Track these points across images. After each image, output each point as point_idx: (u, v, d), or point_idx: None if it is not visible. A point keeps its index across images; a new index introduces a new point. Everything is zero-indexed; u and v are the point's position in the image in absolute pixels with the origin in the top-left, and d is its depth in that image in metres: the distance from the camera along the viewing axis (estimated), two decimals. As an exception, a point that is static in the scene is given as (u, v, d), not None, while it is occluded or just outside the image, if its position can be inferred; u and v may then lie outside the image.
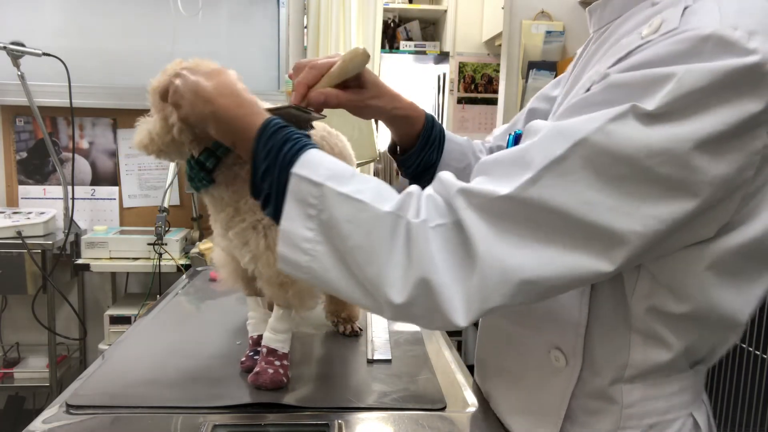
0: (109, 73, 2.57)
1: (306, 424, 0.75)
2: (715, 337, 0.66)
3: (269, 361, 0.84)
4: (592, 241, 0.54)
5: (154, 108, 0.78)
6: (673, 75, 0.52)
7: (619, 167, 0.53)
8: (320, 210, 0.60)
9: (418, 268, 0.57)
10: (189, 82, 0.70)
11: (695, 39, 0.52)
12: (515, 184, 0.55)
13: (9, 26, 2.51)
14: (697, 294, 0.60)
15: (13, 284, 2.28)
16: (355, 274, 0.60)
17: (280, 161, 0.62)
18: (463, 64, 3.43)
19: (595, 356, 0.67)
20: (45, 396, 2.55)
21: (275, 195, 0.63)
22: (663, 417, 0.66)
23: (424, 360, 0.96)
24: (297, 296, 0.82)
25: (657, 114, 0.52)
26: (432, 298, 0.57)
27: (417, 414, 0.78)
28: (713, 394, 1.50)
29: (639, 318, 0.63)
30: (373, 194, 0.60)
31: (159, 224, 2.39)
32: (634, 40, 0.59)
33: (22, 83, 2.25)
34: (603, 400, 0.67)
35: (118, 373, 0.88)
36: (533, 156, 0.55)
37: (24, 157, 2.66)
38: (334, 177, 0.61)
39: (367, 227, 0.59)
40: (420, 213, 0.58)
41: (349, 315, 1.07)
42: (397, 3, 3.54)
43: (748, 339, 1.39)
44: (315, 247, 0.60)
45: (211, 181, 0.79)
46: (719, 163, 0.53)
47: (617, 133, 0.52)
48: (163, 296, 1.31)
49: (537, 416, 0.72)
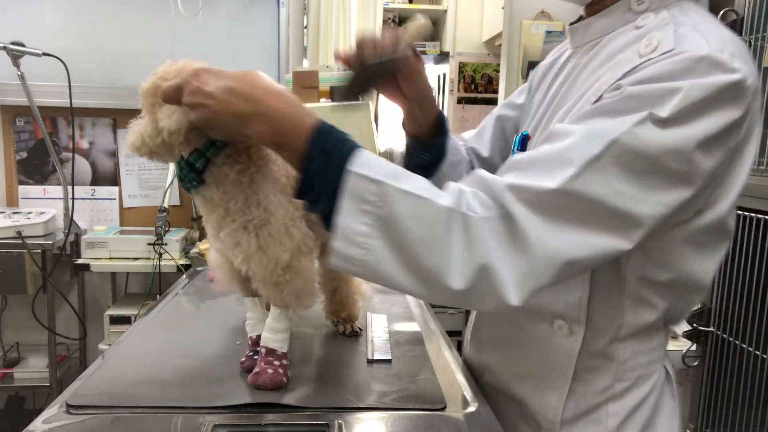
0: (109, 73, 2.57)
1: (306, 424, 0.75)
2: (686, 299, 0.78)
3: (268, 361, 0.84)
4: (617, 223, 0.65)
5: (144, 110, 0.78)
6: (681, 89, 0.63)
7: (640, 163, 0.63)
8: (378, 206, 0.65)
9: (477, 256, 0.64)
10: (223, 83, 0.69)
11: (692, 59, 0.64)
12: (561, 179, 0.63)
13: (9, 26, 2.52)
14: (677, 264, 0.73)
15: (13, 284, 2.28)
16: (411, 265, 0.65)
17: (335, 160, 0.66)
18: (463, 64, 3.43)
19: (595, 321, 0.76)
20: (45, 396, 2.56)
21: (329, 193, 0.66)
22: (647, 369, 0.80)
23: (424, 360, 0.96)
24: (293, 295, 0.82)
25: (669, 119, 0.63)
26: (490, 283, 0.64)
27: (417, 414, 0.78)
28: (713, 394, 1.50)
29: (631, 286, 0.74)
30: (430, 191, 0.66)
31: (159, 224, 2.39)
32: (633, 57, 0.69)
33: (22, 83, 2.25)
34: (602, 359, 0.78)
35: (118, 373, 0.88)
36: (573, 155, 0.64)
37: (24, 157, 2.66)
38: (391, 175, 0.66)
39: (428, 221, 0.64)
40: (473, 207, 0.65)
41: (349, 315, 1.07)
42: (397, 3, 3.54)
43: (748, 339, 1.39)
44: (370, 241, 0.65)
45: (201, 182, 0.79)
46: (710, 158, 0.65)
47: (640, 135, 0.63)
48: (163, 296, 1.31)
49: (545, 380, 0.81)
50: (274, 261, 0.79)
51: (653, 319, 0.76)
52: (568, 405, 0.79)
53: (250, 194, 0.79)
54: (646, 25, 0.73)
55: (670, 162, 0.63)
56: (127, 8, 2.61)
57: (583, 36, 0.82)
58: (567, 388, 0.79)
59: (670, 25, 0.70)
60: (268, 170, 0.81)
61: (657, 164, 0.63)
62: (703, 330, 1.50)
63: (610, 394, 0.79)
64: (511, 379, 0.87)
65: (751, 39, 1.39)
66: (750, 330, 1.39)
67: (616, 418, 0.78)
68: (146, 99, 0.77)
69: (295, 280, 0.81)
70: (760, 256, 1.36)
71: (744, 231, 1.40)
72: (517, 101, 1.00)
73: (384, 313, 1.18)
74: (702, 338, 1.50)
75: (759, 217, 1.36)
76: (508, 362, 0.87)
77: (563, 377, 0.79)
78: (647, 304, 0.75)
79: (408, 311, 1.22)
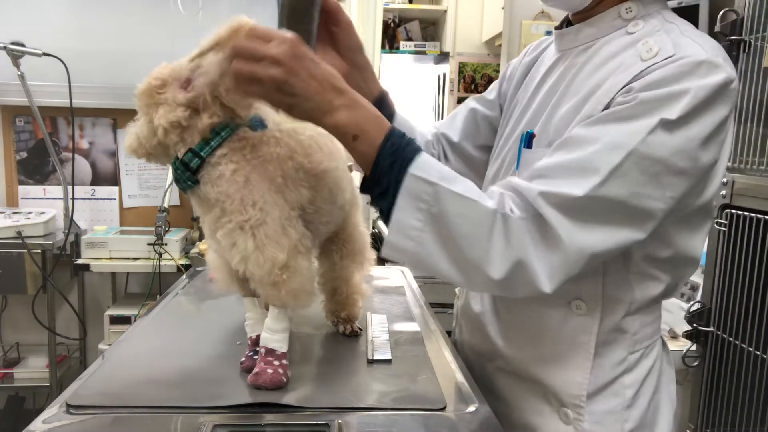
0: (109, 73, 2.57)
1: (306, 424, 0.75)
2: (681, 273, 0.87)
3: (268, 361, 0.83)
4: (635, 219, 0.74)
5: (140, 111, 0.78)
6: (689, 89, 0.71)
7: (655, 166, 0.72)
8: (431, 204, 0.73)
9: (515, 251, 0.73)
10: (321, 71, 0.72)
11: (694, 63, 0.72)
12: (588, 186, 0.72)
13: (9, 26, 2.51)
14: (675, 241, 0.82)
15: (13, 284, 2.28)
16: (456, 257, 0.74)
17: (400, 161, 0.74)
18: (463, 64, 3.43)
19: (610, 299, 0.84)
20: (45, 396, 2.55)
21: (392, 189, 0.74)
22: (651, 339, 0.88)
23: (424, 360, 0.96)
24: (290, 295, 0.82)
25: (678, 120, 0.71)
26: (525, 274, 0.73)
27: (417, 414, 0.78)
28: (713, 394, 1.50)
29: (637, 264, 0.83)
30: (477, 193, 0.75)
31: (159, 224, 2.39)
32: (635, 61, 0.76)
33: (22, 83, 2.25)
34: (618, 332, 0.85)
35: (118, 373, 0.88)
36: (598, 165, 0.72)
37: (24, 157, 2.66)
38: (445, 178, 0.74)
39: (475, 220, 0.73)
40: (511, 209, 0.74)
41: (349, 315, 1.07)
42: (397, 3, 3.54)
43: (748, 339, 1.39)
44: (421, 234, 0.74)
45: (195, 182, 0.79)
46: (708, 153, 0.74)
47: (653, 143, 0.71)
48: (163, 296, 1.31)
49: (567, 359, 0.86)
50: (271, 261, 0.79)
51: (659, 292, 0.85)
52: (590, 379, 0.85)
53: (245, 194, 0.78)
54: (637, 31, 0.81)
55: (679, 162, 0.72)
56: (127, 8, 2.61)
57: (574, 40, 0.88)
58: (590, 364, 0.85)
59: (662, 32, 0.78)
60: (263, 170, 0.80)
61: (669, 165, 0.72)
62: (703, 330, 1.50)
63: (625, 366, 0.86)
64: (528, 362, 0.90)
65: (751, 39, 1.39)
66: (750, 330, 1.39)
67: (632, 388, 0.86)
68: (142, 100, 0.77)
69: (292, 279, 0.80)
70: (760, 256, 1.36)
71: (744, 231, 1.40)
72: (488, 97, 1.08)
73: (384, 313, 1.18)
74: (702, 338, 1.50)
75: (759, 217, 1.36)
76: (526, 346, 0.90)
77: (585, 353, 0.85)
78: (653, 278, 0.84)
79: (408, 311, 1.22)
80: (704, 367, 1.50)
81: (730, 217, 1.44)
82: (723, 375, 1.46)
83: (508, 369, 0.93)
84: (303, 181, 0.84)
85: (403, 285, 1.42)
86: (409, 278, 1.49)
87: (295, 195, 0.83)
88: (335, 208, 0.91)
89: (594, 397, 0.85)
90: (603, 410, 0.85)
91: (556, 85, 0.88)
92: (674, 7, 1.99)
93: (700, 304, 1.51)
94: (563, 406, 0.86)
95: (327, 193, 0.88)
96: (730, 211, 1.43)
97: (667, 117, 0.71)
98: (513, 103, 0.99)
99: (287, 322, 0.86)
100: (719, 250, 1.47)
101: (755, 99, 1.38)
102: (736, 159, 1.43)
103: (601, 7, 0.84)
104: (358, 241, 1.04)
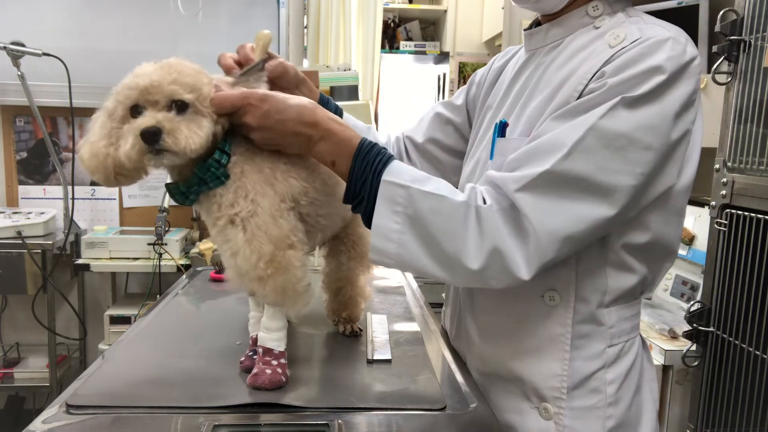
0: (109, 73, 2.54)
1: (306, 424, 0.75)
2: (659, 265, 0.88)
3: (266, 361, 0.83)
4: (603, 194, 0.75)
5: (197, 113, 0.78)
6: (656, 66, 0.74)
7: (619, 140, 0.74)
8: (406, 206, 0.76)
9: (489, 240, 0.75)
10: (293, 109, 0.79)
11: (660, 41, 0.76)
12: (553, 160, 0.74)
13: (9, 26, 2.51)
14: (653, 226, 0.83)
15: (13, 284, 2.28)
16: (436, 253, 0.77)
17: (372, 171, 0.78)
18: (463, 64, 3.43)
19: (582, 288, 0.85)
20: (45, 396, 2.56)
21: (368, 198, 0.79)
22: (630, 335, 0.88)
23: (424, 360, 0.96)
24: (275, 291, 0.80)
25: (642, 97, 0.74)
26: (501, 262, 0.75)
27: (417, 414, 0.78)
28: (713, 394, 1.50)
29: (614, 251, 0.83)
30: (448, 190, 0.78)
31: (159, 224, 2.39)
32: (604, 48, 0.80)
33: (22, 83, 2.25)
34: (593, 324, 0.86)
35: (118, 373, 0.88)
36: (563, 140, 0.75)
37: (24, 157, 2.66)
38: (416, 180, 0.78)
39: (447, 214, 0.76)
40: (484, 200, 0.77)
41: (350, 315, 1.07)
42: (397, 3, 3.54)
43: (748, 339, 1.39)
44: (401, 236, 0.77)
45: (228, 176, 0.80)
46: (676, 129, 0.77)
47: (615, 117, 0.74)
48: (163, 296, 1.31)
49: (544, 352, 0.86)
50: (257, 253, 0.78)
51: (633, 284, 0.86)
52: (569, 372, 0.85)
53: (239, 186, 0.79)
54: (603, 25, 0.85)
55: (644, 136, 0.74)
56: (127, 8, 2.61)
57: (543, 39, 0.92)
58: (567, 356, 0.85)
59: (627, 23, 0.82)
60: (252, 162, 0.81)
61: (633, 139, 0.74)
62: (703, 330, 1.50)
63: (604, 360, 0.86)
64: (506, 360, 0.90)
65: (751, 39, 1.39)
66: (750, 330, 1.39)
67: (614, 385, 0.86)
68: (202, 104, 0.77)
69: (277, 275, 0.79)
70: (760, 256, 1.36)
71: (744, 231, 1.40)
72: (456, 102, 1.12)
73: (384, 313, 1.18)
74: (702, 338, 1.50)
75: (759, 217, 1.36)
76: (503, 343, 0.90)
77: (562, 345, 0.85)
78: (627, 268, 0.85)
79: (408, 311, 1.22)
80: (704, 367, 1.50)
81: (730, 217, 1.44)
82: (723, 375, 1.46)
83: (486, 370, 0.93)
84: (290, 171, 0.83)
85: (403, 285, 1.42)
86: (409, 278, 1.49)
87: (284, 186, 0.82)
88: (333, 199, 0.90)
89: (574, 391, 0.85)
90: (584, 406, 0.85)
91: (527, 82, 0.91)
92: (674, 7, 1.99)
93: (700, 304, 1.51)
94: (543, 401, 0.86)
95: (320, 183, 0.87)
96: (730, 211, 1.43)
97: (630, 94, 0.73)
98: (484, 106, 1.02)
99: (284, 321, 0.86)
100: (719, 250, 1.47)
101: (755, 99, 1.38)
102: (736, 159, 1.43)
103: (569, 8, 0.88)
104: (367, 244, 1.03)
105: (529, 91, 0.90)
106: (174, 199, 0.83)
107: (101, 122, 0.80)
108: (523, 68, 0.94)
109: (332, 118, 0.82)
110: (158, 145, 0.73)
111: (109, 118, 0.79)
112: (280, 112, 0.79)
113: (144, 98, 0.75)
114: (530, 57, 0.94)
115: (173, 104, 0.75)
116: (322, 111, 0.82)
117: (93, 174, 0.79)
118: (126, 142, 0.75)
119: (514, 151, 0.81)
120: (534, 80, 0.89)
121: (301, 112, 0.80)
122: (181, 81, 0.76)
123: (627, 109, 0.74)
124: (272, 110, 0.79)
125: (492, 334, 0.92)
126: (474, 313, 0.95)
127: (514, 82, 0.95)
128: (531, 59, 0.93)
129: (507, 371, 0.90)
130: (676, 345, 1.61)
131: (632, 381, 0.88)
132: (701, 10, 1.82)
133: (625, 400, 0.87)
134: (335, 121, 0.82)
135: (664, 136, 0.75)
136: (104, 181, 0.80)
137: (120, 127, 0.77)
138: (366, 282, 1.10)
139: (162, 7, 2.58)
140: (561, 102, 0.80)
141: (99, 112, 0.82)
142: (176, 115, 0.75)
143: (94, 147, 0.78)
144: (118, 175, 0.79)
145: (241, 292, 1.25)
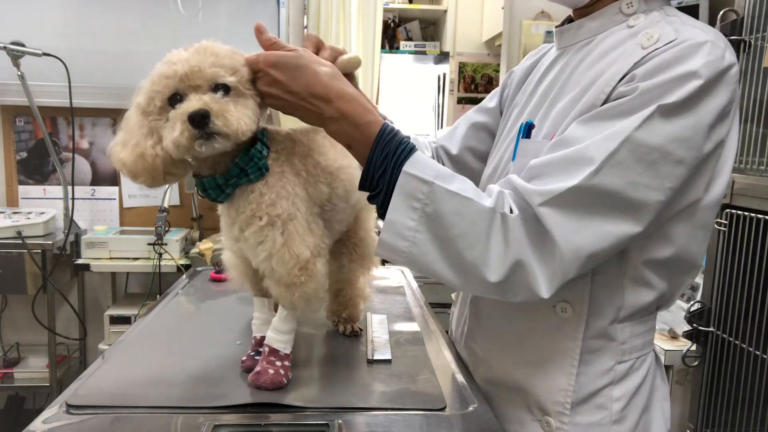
0: (109, 73, 2.57)
1: (306, 424, 0.75)
2: (680, 280, 0.83)
3: (270, 361, 0.83)
4: (631, 211, 0.71)
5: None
6: (692, 72, 0.69)
7: (652, 154, 0.69)
8: (426, 203, 0.72)
9: (513, 252, 0.71)
10: (303, 80, 0.73)
11: (696, 45, 0.70)
12: (582, 176, 0.69)
13: (9, 26, 2.51)
14: (678, 239, 0.78)
15: (13, 284, 2.28)
16: (452, 258, 0.72)
17: (393, 161, 0.73)
18: (463, 64, 3.43)
19: (597, 301, 0.80)
20: (45, 396, 2.55)
21: (386, 190, 0.73)
22: (642, 351, 0.84)
23: (424, 360, 0.96)
24: (303, 298, 0.81)
25: (677, 105, 0.69)
26: (523, 277, 0.71)
27: (417, 414, 0.78)
28: (713, 394, 1.50)
29: (633, 266, 0.79)
30: (474, 192, 0.73)
31: (159, 224, 2.39)
32: (636, 49, 0.74)
33: (22, 83, 2.25)
34: (604, 339, 0.81)
35: (118, 373, 0.88)
36: (593, 153, 0.70)
37: (24, 157, 2.66)
38: (440, 176, 0.72)
39: (471, 219, 0.71)
40: (510, 208, 0.72)
41: (350, 316, 1.07)
42: (397, 3, 3.54)
43: (748, 339, 1.39)
44: (415, 234, 0.72)
45: (268, 168, 0.78)
46: (709, 142, 0.72)
47: (650, 129, 0.69)
48: (163, 296, 1.31)
49: (551, 364, 0.83)
50: (295, 258, 0.78)
51: (650, 301, 0.81)
52: (575, 387, 0.82)
53: (281, 186, 0.78)
54: (638, 24, 0.79)
55: (677, 150, 0.70)
56: (127, 8, 2.61)
57: (575, 36, 0.87)
58: (575, 370, 0.81)
59: (663, 23, 0.77)
60: (291, 164, 0.80)
61: (666, 153, 0.69)
62: (703, 330, 1.50)
63: (612, 377, 0.82)
64: (512, 369, 0.87)
65: (751, 39, 1.39)
66: (750, 330, 1.39)
67: (620, 402, 0.82)
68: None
69: (308, 282, 0.80)
70: (760, 256, 1.36)
71: (744, 231, 1.40)
72: (489, 105, 1.07)
73: (384, 313, 1.18)
74: (702, 338, 1.50)
75: (759, 217, 1.36)
76: (509, 352, 0.88)
77: (570, 358, 0.82)
78: (646, 284, 0.80)
79: (408, 311, 1.22)
80: (704, 367, 1.50)
81: (730, 217, 1.44)
82: (723, 375, 1.46)
83: (490, 377, 0.91)
84: (321, 177, 0.83)
85: (403, 285, 1.42)
86: (409, 278, 1.49)
87: (316, 191, 0.82)
88: (348, 206, 0.91)
89: (578, 407, 0.82)
90: (587, 422, 0.82)
91: (555, 81, 0.87)
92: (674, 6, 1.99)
93: (700, 304, 1.51)
94: (546, 414, 0.83)
95: (342, 190, 0.87)
96: (730, 211, 1.43)
97: (666, 102, 0.68)
98: (512, 104, 0.99)
99: (294, 324, 0.86)
100: (719, 250, 1.47)
101: (755, 99, 1.38)
102: (736, 159, 1.43)
103: (601, 4, 0.84)
104: (369, 246, 1.03)
105: (556, 91, 0.86)
106: (206, 195, 0.79)
107: (136, 121, 0.75)
108: (552, 66, 0.90)
109: (351, 96, 0.75)
110: (208, 128, 0.69)
111: (143, 115, 0.74)
112: (289, 82, 0.74)
113: (184, 85, 0.71)
114: (560, 55, 0.90)
115: (216, 87, 0.72)
116: (339, 86, 0.75)
117: (137, 177, 0.75)
118: (173, 129, 0.70)
119: (536, 153, 0.77)
120: (562, 80, 0.85)
121: (312, 83, 0.74)
122: (220, 63, 0.72)
123: (663, 119, 0.69)
124: (281, 78, 0.74)
125: (499, 341, 0.90)
126: (482, 318, 0.93)
127: (541, 80, 0.91)
128: (560, 57, 0.89)
129: (511, 380, 0.87)
130: (676, 345, 1.61)
131: (641, 399, 0.84)
132: (701, 10, 1.82)
133: (631, 419, 0.82)
134: (355, 100, 0.75)
135: (696, 149, 0.71)
136: (150, 183, 0.75)
137: (159, 119, 0.73)
138: (366, 283, 1.10)
139: (162, 7, 2.58)
140: (587, 105, 0.76)
141: (130, 111, 0.77)
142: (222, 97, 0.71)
143: (140, 148, 0.73)
144: (167, 175, 0.75)
145: (241, 292, 1.25)
